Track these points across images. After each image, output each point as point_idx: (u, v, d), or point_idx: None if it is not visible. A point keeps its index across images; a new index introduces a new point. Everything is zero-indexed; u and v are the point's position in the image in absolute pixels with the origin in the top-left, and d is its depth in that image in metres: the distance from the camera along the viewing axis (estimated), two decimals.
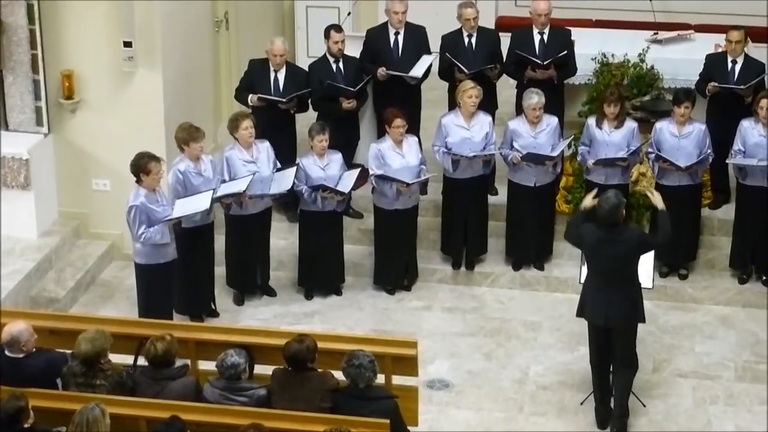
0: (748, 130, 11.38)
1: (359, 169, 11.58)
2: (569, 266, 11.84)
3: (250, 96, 11.82)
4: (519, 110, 12.05)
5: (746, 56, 11.82)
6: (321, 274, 11.68)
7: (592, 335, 9.84)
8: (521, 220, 11.76)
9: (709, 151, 11.48)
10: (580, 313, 9.93)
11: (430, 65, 12.20)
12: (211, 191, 10.76)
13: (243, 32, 13.41)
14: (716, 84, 11.71)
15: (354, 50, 12.27)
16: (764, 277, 11.71)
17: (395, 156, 11.38)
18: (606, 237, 9.55)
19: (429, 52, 12.24)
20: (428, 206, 12.28)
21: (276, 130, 11.71)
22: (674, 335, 11.16)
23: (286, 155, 11.49)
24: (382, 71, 12.02)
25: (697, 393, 10.44)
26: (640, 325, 9.86)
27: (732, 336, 11.20)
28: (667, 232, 9.79)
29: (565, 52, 11.95)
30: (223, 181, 11.04)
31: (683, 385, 10.53)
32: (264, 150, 11.26)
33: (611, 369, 9.88)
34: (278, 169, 11.25)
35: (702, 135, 11.44)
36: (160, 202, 10.52)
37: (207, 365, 9.16)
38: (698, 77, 11.93)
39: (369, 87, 12.29)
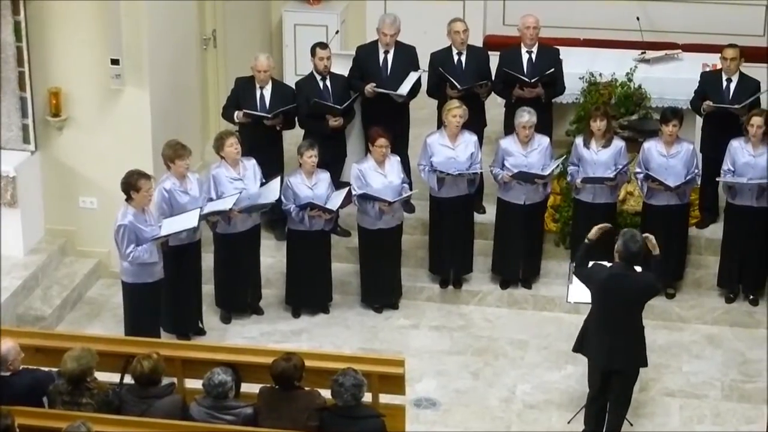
0: (738, 149, 11.40)
1: (348, 188, 11.57)
2: (557, 285, 11.84)
3: (236, 113, 11.82)
4: (507, 129, 12.07)
5: (741, 74, 11.85)
6: (308, 293, 11.66)
7: (594, 375, 9.76)
8: (510, 238, 11.77)
9: (696, 170, 11.49)
10: (578, 348, 9.88)
11: (419, 83, 12.21)
12: (199, 209, 10.74)
13: (231, 50, 13.42)
14: (711, 103, 11.73)
15: (342, 68, 12.28)
16: (751, 297, 11.72)
17: (376, 176, 11.38)
18: (618, 278, 9.44)
19: (418, 71, 12.26)
20: (416, 225, 12.29)
21: (263, 147, 11.70)
22: (661, 354, 11.15)
23: (273, 173, 11.47)
24: (370, 88, 12.03)
25: (685, 412, 10.44)
26: None
27: (719, 355, 11.21)
28: (662, 278, 9.78)
29: (553, 69, 11.97)
30: (210, 199, 11.03)
31: (670, 404, 10.53)
32: (251, 167, 11.25)
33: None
34: (262, 184, 11.25)
35: (690, 155, 11.46)
36: (148, 222, 10.50)
37: (193, 383, 9.14)
38: (693, 94, 11.97)
39: (357, 105, 12.30)
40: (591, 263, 9.69)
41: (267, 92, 11.89)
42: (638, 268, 9.69)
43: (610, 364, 9.60)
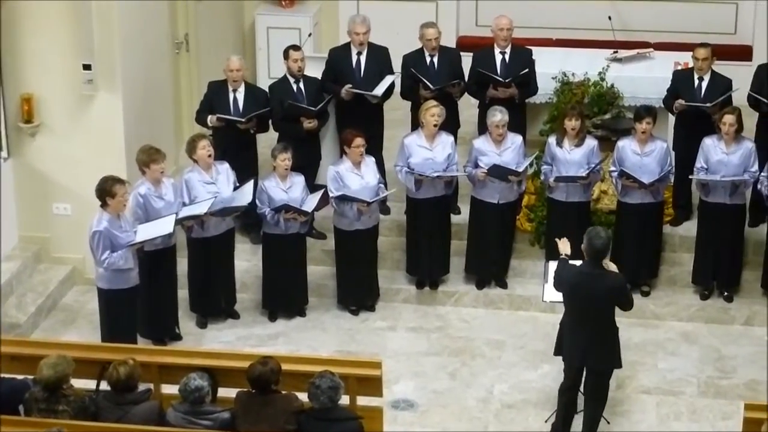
0: (711, 147, 11.44)
1: (323, 190, 11.57)
2: (532, 284, 11.87)
3: (210, 117, 11.81)
4: (481, 129, 12.09)
5: (713, 73, 11.89)
6: (285, 296, 11.66)
7: (569, 372, 9.80)
8: (483, 237, 11.79)
9: (670, 168, 11.54)
10: (558, 351, 9.92)
11: (393, 84, 12.22)
12: (174, 215, 10.72)
13: (203, 54, 13.39)
14: (683, 102, 11.78)
15: (315, 71, 12.28)
16: (726, 293, 11.78)
17: (354, 177, 11.38)
18: (588, 277, 9.48)
19: (392, 72, 12.27)
20: (391, 226, 12.30)
21: (237, 151, 11.69)
22: (637, 352, 11.19)
23: (247, 177, 11.45)
24: (345, 90, 12.03)
25: (661, 409, 10.47)
26: None
27: (695, 352, 11.25)
28: (631, 303, 9.80)
29: (527, 70, 12.00)
30: (184, 204, 11.01)
31: (647, 401, 10.56)
32: (224, 171, 11.24)
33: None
34: (235, 188, 11.24)
35: (664, 152, 11.51)
36: (123, 228, 10.46)
37: (170, 389, 9.10)
38: (666, 93, 12.02)
39: (331, 107, 12.30)
40: (560, 263, 9.74)
41: (240, 95, 11.88)
42: (613, 266, 9.73)
43: (583, 361, 9.65)
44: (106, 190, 10.33)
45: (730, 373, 10.92)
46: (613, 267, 9.71)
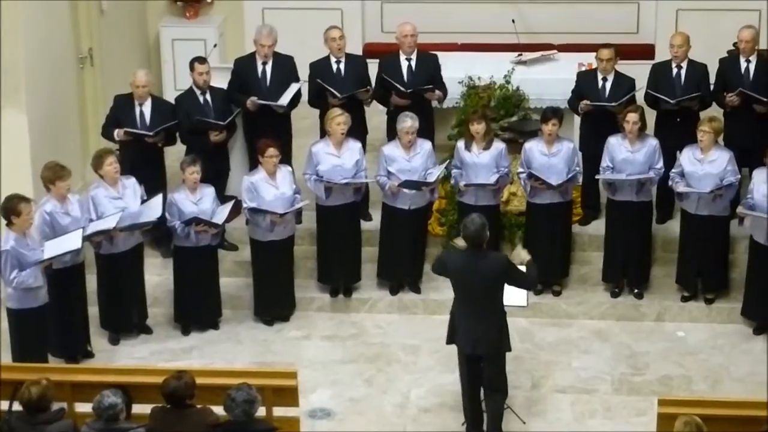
0: (616, 146, 11.59)
1: (233, 202, 11.53)
2: (446, 288, 11.78)
3: (116, 131, 11.72)
4: (390, 136, 12.13)
5: (616, 73, 12.03)
6: (197, 309, 11.59)
7: (463, 362, 9.88)
8: (396, 243, 11.82)
9: (578, 168, 11.67)
10: (451, 340, 9.98)
11: (300, 93, 12.22)
12: (81, 230, 10.63)
13: (108, 68, 13.29)
14: (588, 102, 11.91)
15: (222, 81, 12.24)
16: (636, 290, 11.92)
17: (268, 188, 11.36)
18: (471, 260, 9.58)
19: (298, 81, 12.26)
20: (304, 235, 12.28)
21: (144, 165, 11.62)
22: (551, 351, 11.29)
23: (155, 190, 11.38)
24: (251, 101, 12.00)
25: (576, 407, 10.57)
26: (515, 344, 9.95)
27: (607, 349, 11.37)
28: (533, 280, 9.92)
29: (431, 87, 12.05)
30: (91, 220, 10.91)
31: (562, 400, 10.65)
32: (130, 186, 11.17)
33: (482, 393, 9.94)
34: (143, 201, 11.16)
35: (571, 153, 11.63)
36: (30, 246, 10.35)
37: (84, 407, 9.01)
38: (571, 94, 12.14)
39: (238, 118, 12.26)
40: (443, 252, 9.83)
41: (147, 109, 11.81)
42: (526, 255, 9.81)
43: (475, 349, 9.70)
44: (11, 208, 10.21)
45: (643, 370, 11.05)
46: (526, 256, 9.80)
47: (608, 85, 12.00)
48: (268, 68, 12.19)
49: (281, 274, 11.66)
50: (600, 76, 12.02)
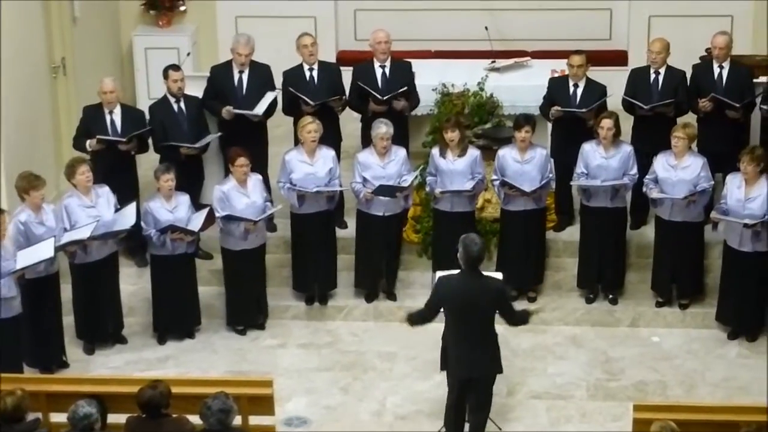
0: (590, 152, 11.63)
1: (207, 209, 11.52)
2: (421, 296, 11.82)
3: (89, 141, 11.69)
4: (365, 143, 12.14)
5: (588, 79, 12.08)
6: (174, 318, 11.56)
7: (455, 385, 9.75)
8: (371, 250, 11.82)
9: (551, 175, 11.69)
10: (444, 366, 9.90)
11: (275, 101, 12.21)
12: (53, 239, 10.59)
13: (81, 77, 13.24)
14: (559, 108, 11.95)
15: (195, 90, 12.23)
16: (611, 296, 11.95)
17: (239, 197, 11.35)
18: (468, 282, 9.44)
19: (274, 90, 12.25)
20: (278, 243, 12.27)
21: (117, 173, 11.59)
22: (526, 357, 11.31)
23: (128, 199, 11.34)
24: (226, 110, 11.99)
25: (552, 413, 10.59)
26: None
27: (582, 355, 11.40)
28: (520, 320, 9.83)
29: (405, 88, 12.05)
30: (65, 230, 10.87)
31: (538, 406, 10.67)
32: (104, 194, 11.14)
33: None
34: (117, 210, 11.13)
35: (544, 159, 11.65)
36: (4, 256, 10.29)
37: (59, 417, 8.99)
38: (542, 100, 12.17)
39: (213, 125, 12.24)
40: (437, 275, 9.75)
41: (117, 117, 11.79)
42: (499, 275, 9.82)
43: (470, 373, 9.65)
44: None
45: (618, 375, 11.08)
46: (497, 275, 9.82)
47: (579, 91, 12.04)
48: (245, 77, 12.19)
49: (254, 283, 11.64)
50: (571, 83, 12.06)
